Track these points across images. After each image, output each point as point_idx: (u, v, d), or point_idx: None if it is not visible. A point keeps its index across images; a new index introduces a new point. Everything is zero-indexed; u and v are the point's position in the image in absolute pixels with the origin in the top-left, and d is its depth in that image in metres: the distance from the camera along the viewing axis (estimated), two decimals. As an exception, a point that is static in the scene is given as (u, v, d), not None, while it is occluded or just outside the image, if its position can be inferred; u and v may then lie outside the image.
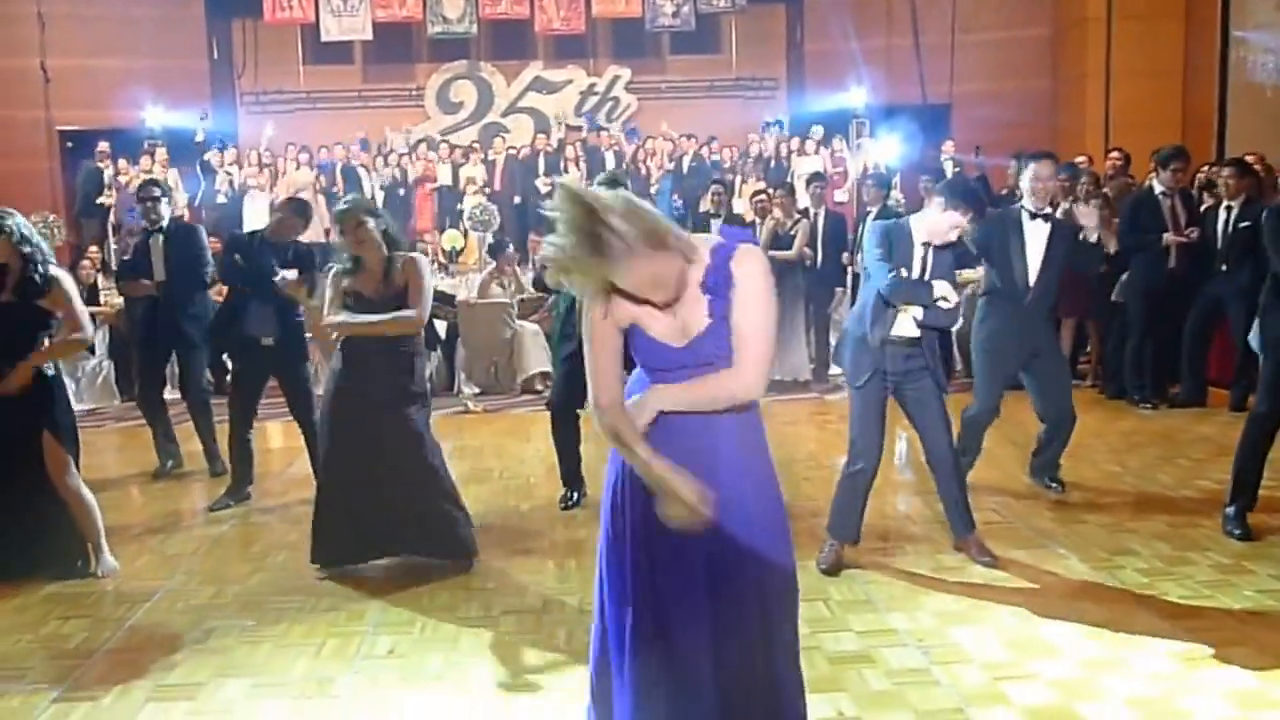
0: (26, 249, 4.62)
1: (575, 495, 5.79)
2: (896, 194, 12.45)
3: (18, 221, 4.66)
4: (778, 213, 9.70)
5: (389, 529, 4.70)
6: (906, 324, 4.50)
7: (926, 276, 4.53)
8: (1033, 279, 5.41)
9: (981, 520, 5.22)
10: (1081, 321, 9.02)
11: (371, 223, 4.62)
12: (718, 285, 2.40)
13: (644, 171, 15.04)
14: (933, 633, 3.94)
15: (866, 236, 4.73)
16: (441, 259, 12.36)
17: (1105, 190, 8.77)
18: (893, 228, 4.62)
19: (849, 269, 9.88)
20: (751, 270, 2.40)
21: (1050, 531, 5.10)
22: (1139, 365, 8.09)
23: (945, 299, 4.46)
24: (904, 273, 4.50)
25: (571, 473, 5.80)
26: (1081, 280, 8.10)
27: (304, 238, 6.40)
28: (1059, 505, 5.53)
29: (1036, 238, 5.42)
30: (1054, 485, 5.79)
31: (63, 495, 4.76)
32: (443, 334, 9.51)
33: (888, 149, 14.73)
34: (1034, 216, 5.45)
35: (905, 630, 3.97)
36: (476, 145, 15.94)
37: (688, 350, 2.43)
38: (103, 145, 14.62)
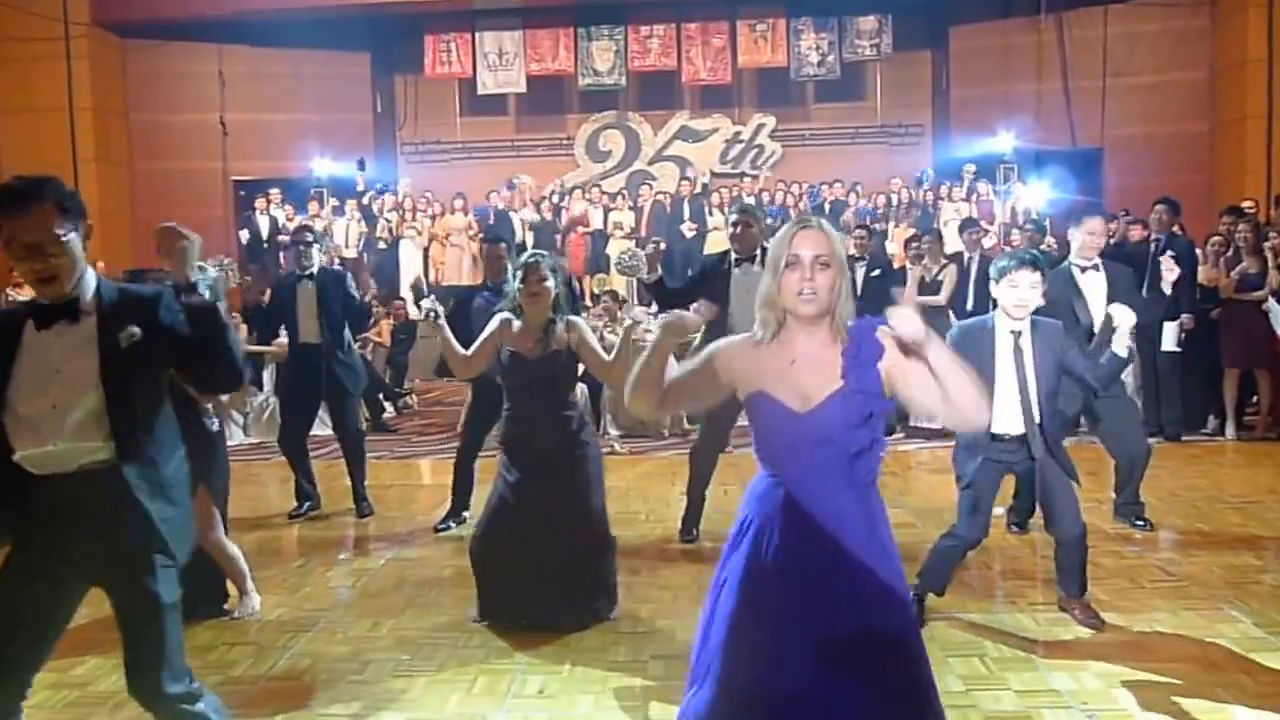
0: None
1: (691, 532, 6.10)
2: (1049, 239, 12.14)
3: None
4: (925, 259, 9.59)
5: (542, 602, 4.60)
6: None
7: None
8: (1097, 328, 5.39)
9: (1148, 578, 5.03)
10: (1248, 370, 8.59)
11: (550, 281, 4.67)
12: (862, 357, 2.38)
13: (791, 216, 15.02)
14: (1097, 695, 3.78)
15: None
16: (589, 301, 12.60)
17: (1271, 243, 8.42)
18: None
19: None
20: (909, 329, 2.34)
21: (1221, 592, 4.84)
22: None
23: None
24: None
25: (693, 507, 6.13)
26: (1249, 327, 7.74)
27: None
28: (1230, 565, 5.26)
29: (1093, 290, 5.65)
30: (1141, 524, 5.89)
31: (206, 549, 4.68)
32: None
33: (1037, 194, 14.41)
34: (1084, 270, 5.68)
35: (1068, 691, 3.82)
36: (624, 192, 16.24)
37: (809, 417, 2.38)
38: (274, 193, 15.60)
